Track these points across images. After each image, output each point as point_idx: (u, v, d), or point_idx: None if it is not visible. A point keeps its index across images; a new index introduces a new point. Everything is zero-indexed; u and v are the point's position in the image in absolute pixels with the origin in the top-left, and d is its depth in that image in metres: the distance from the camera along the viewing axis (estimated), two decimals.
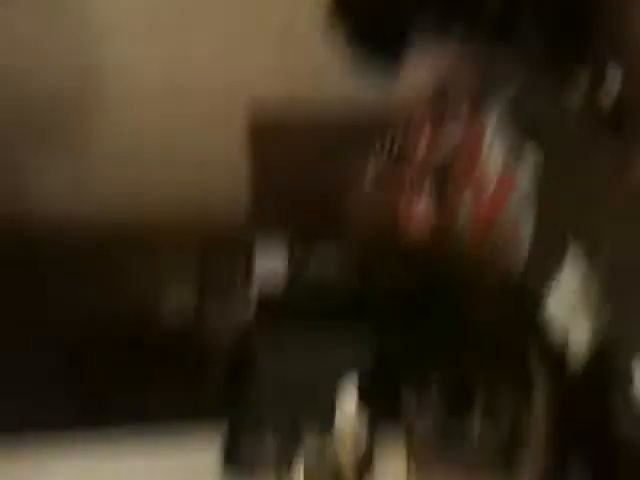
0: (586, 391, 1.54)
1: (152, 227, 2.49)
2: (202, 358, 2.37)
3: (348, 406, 1.94)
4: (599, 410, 1.54)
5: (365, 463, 1.90)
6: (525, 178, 1.75)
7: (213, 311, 2.43)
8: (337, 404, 1.93)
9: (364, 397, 1.66)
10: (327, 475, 1.89)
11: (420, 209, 2.03)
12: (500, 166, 1.88)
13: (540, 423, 1.45)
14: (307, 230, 2.40)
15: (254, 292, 2.37)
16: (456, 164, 2.04)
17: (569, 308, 1.60)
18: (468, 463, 1.52)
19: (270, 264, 2.37)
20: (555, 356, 1.48)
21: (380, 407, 1.67)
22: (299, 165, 2.32)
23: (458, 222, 1.97)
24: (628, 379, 1.43)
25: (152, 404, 2.18)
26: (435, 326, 2.14)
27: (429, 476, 1.58)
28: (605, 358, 1.51)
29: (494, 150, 1.90)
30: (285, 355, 2.12)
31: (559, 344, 1.52)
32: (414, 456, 1.66)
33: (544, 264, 1.70)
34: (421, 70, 2.09)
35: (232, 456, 1.88)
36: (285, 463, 1.88)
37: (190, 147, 2.57)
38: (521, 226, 1.79)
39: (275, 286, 2.33)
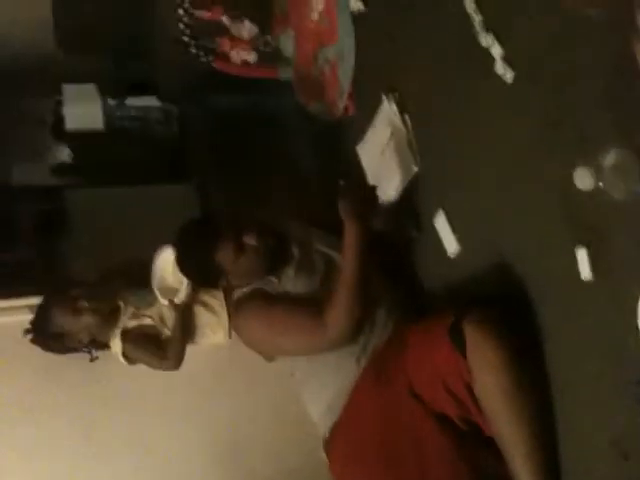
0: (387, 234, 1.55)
1: None
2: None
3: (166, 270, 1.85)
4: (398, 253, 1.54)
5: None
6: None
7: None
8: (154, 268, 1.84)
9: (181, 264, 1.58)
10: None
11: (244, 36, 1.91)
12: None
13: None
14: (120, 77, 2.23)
15: (67, 139, 2.17)
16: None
17: (380, 156, 1.59)
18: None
19: (83, 108, 2.17)
20: (363, 200, 1.42)
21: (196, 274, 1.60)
22: None
23: (282, 55, 1.89)
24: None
25: None
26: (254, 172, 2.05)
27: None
28: (407, 208, 1.51)
29: None
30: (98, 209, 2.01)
31: (368, 188, 1.47)
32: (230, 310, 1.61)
33: (360, 114, 1.69)
34: None
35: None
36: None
37: None
38: (340, 71, 1.71)
39: (90, 131, 2.16)
